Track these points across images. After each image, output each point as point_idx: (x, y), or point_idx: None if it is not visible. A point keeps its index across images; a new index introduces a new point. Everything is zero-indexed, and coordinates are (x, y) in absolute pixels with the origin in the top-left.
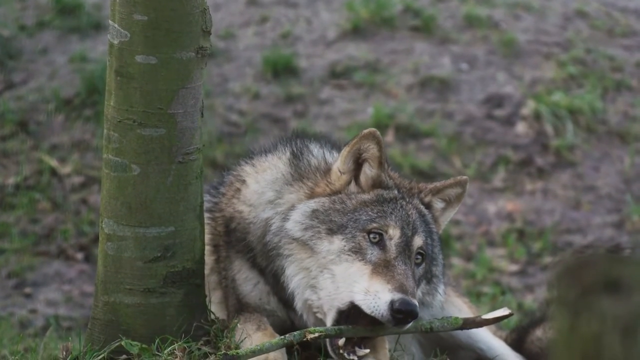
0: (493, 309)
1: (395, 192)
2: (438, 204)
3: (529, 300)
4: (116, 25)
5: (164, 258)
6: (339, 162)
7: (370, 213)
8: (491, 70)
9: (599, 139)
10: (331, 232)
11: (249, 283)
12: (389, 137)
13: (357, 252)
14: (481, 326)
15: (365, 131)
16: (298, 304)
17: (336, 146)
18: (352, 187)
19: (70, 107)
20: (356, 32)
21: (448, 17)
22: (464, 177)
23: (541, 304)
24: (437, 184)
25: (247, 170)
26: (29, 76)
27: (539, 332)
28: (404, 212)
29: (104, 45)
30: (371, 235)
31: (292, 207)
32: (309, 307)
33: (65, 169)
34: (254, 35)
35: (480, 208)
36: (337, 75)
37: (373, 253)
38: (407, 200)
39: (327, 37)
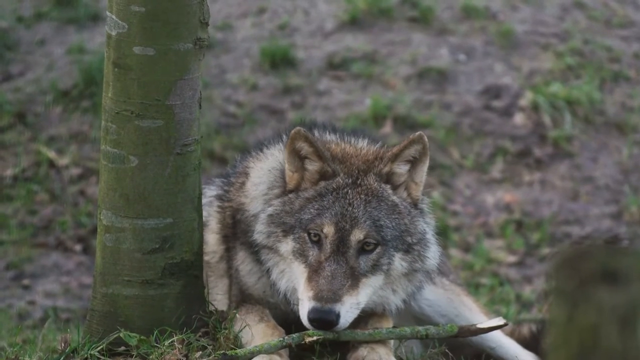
0: (491, 300)
1: (340, 179)
2: (401, 168)
3: (527, 292)
4: (114, 17)
5: (162, 249)
6: (286, 163)
7: (311, 211)
8: (489, 61)
9: (596, 129)
10: (285, 233)
11: (253, 276)
12: (387, 128)
13: (302, 253)
14: (476, 334)
15: (292, 132)
16: (293, 305)
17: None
18: (305, 183)
19: (68, 99)
20: (354, 23)
21: (446, 8)
22: (418, 133)
23: (539, 295)
24: (394, 149)
25: (251, 162)
26: (26, 68)
27: None
28: (344, 203)
29: (101, 36)
30: (312, 234)
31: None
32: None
33: (63, 161)
34: (252, 26)
35: (478, 199)
36: (335, 66)
37: (312, 254)
38: (358, 182)
39: (325, 28)
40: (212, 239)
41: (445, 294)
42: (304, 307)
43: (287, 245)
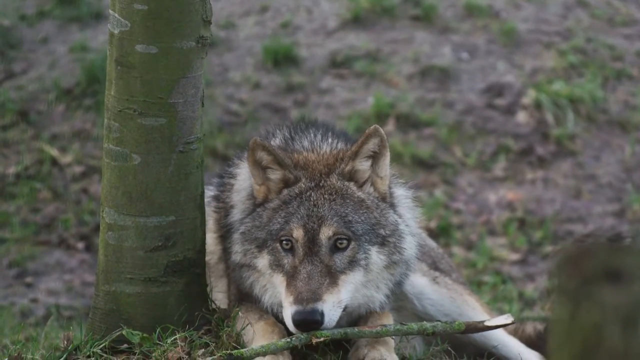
0: (494, 298)
1: (302, 184)
2: (363, 165)
3: (530, 290)
4: (116, 15)
5: (164, 247)
6: (251, 177)
7: (279, 220)
8: (492, 60)
9: (599, 128)
10: (260, 248)
11: None
12: (390, 126)
13: (278, 264)
14: (483, 331)
15: (250, 144)
16: (280, 317)
17: (340, 135)
18: (271, 194)
19: (70, 97)
20: (357, 21)
21: (448, 6)
22: (373, 126)
23: (542, 293)
24: (353, 147)
25: (240, 163)
26: (29, 66)
27: None
28: (309, 205)
29: (104, 34)
30: (284, 243)
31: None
32: None
33: (66, 159)
34: (255, 24)
35: (481, 197)
36: (338, 64)
37: (287, 261)
38: (321, 184)
39: (328, 26)
40: (210, 240)
41: (448, 293)
42: (287, 314)
43: (263, 260)
